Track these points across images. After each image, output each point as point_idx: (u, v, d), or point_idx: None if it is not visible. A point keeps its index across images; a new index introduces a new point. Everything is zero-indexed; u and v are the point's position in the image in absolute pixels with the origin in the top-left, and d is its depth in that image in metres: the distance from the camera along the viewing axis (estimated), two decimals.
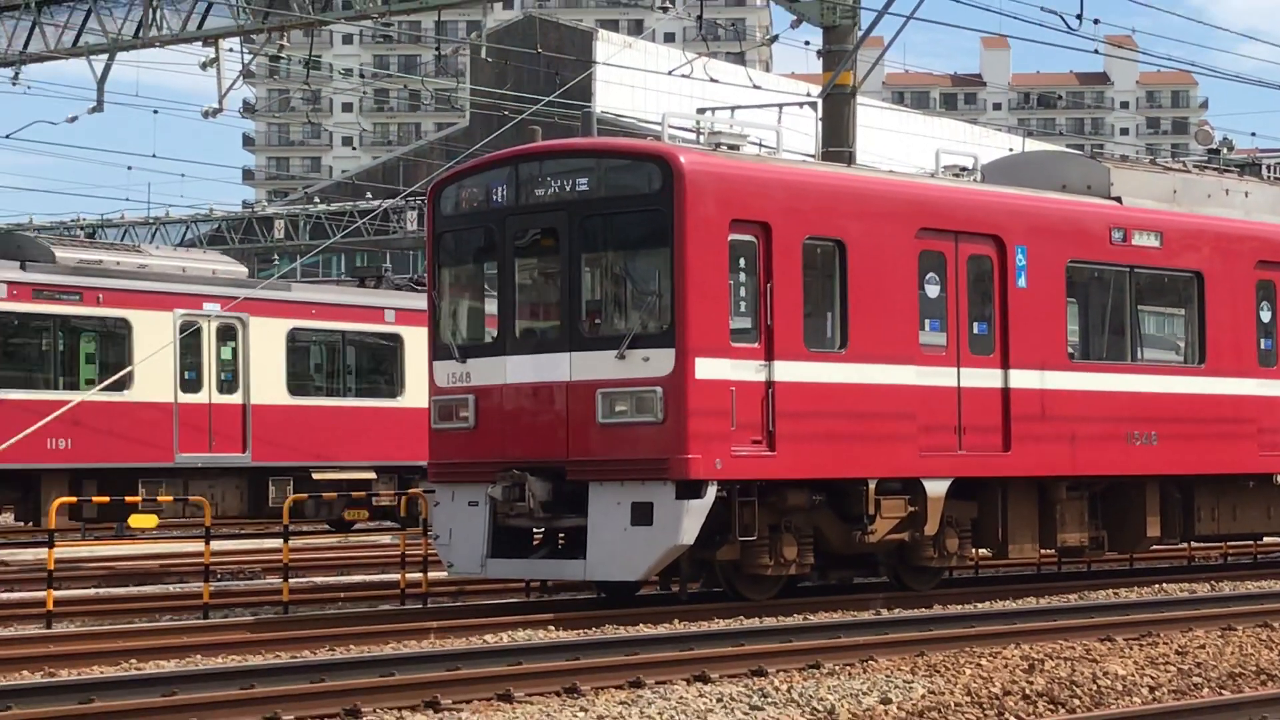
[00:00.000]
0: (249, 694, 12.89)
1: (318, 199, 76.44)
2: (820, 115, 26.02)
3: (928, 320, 21.12)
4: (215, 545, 25.28)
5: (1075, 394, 22.44)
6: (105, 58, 36.77)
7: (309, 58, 37.45)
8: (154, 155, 60.71)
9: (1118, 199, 23.89)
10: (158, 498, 28.18)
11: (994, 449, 21.53)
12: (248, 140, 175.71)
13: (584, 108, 34.43)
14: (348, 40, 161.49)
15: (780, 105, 22.56)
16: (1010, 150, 54.39)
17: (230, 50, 36.39)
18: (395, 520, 35.33)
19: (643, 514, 18.80)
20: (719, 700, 13.25)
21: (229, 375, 34.12)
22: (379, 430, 36.13)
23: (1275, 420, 24.83)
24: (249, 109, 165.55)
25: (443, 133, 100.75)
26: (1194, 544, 27.71)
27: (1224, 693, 13.87)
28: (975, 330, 21.60)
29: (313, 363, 36.30)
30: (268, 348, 34.63)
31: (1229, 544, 29.41)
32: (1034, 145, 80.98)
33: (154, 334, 32.34)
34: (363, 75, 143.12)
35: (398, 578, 21.96)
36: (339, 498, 30.95)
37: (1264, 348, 24.97)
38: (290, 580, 20.95)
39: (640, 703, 13.09)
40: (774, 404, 19.40)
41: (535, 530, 20.09)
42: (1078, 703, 13.29)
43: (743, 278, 19.54)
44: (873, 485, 20.28)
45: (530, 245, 20.15)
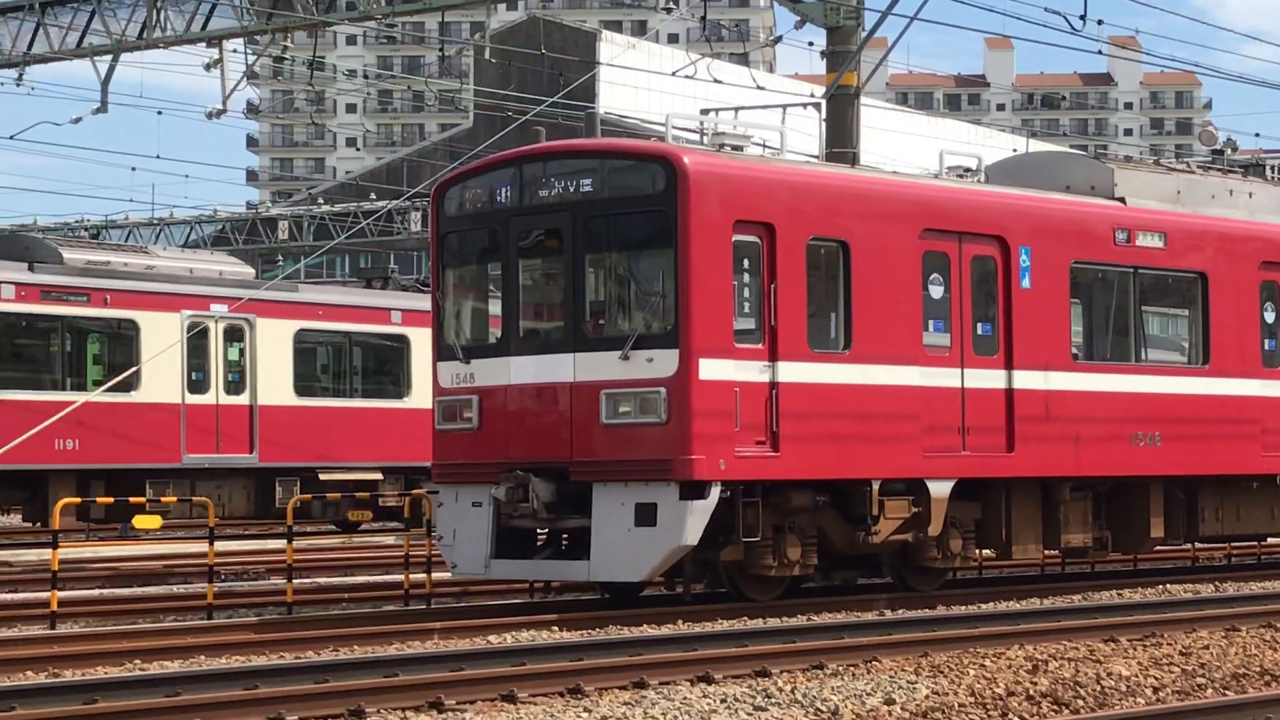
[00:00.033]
0: (253, 694, 12.90)
1: (321, 200, 76.46)
2: (824, 116, 26.05)
3: (931, 321, 21.13)
4: (220, 546, 25.29)
5: (1079, 395, 22.44)
6: (109, 59, 36.81)
7: (313, 59, 37.52)
8: (158, 156, 60.71)
9: (1122, 200, 23.90)
10: (163, 498, 28.22)
11: (998, 450, 21.53)
12: (251, 141, 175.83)
13: (588, 108, 34.47)
14: (351, 41, 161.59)
15: (784, 106, 22.58)
16: (1014, 151, 54.36)
17: (234, 51, 36.47)
18: (401, 521, 35.34)
19: (646, 515, 18.81)
20: (723, 701, 13.25)
21: (236, 376, 34.16)
22: (385, 431, 36.15)
23: (1279, 421, 24.83)
24: (253, 110, 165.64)
25: (446, 133, 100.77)
26: (1198, 545, 27.70)
27: (1228, 693, 13.87)
28: (979, 331, 21.61)
29: (319, 364, 36.32)
30: (275, 349, 34.66)
31: (1233, 545, 29.39)
32: (1038, 146, 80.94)
33: (161, 335, 32.37)
34: (366, 76, 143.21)
35: (401, 578, 21.97)
36: (344, 498, 30.96)
37: (1268, 348, 24.97)
38: (294, 581, 20.97)
39: (644, 703, 13.10)
40: (778, 405, 19.41)
41: (539, 531, 20.11)
42: (1082, 703, 13.29)
43: (746, 278, 19.55)
44: (876, 486, 20.29)
45: (534, 246, 20.17)
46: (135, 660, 15.54)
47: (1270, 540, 28.52)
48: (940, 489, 20.83)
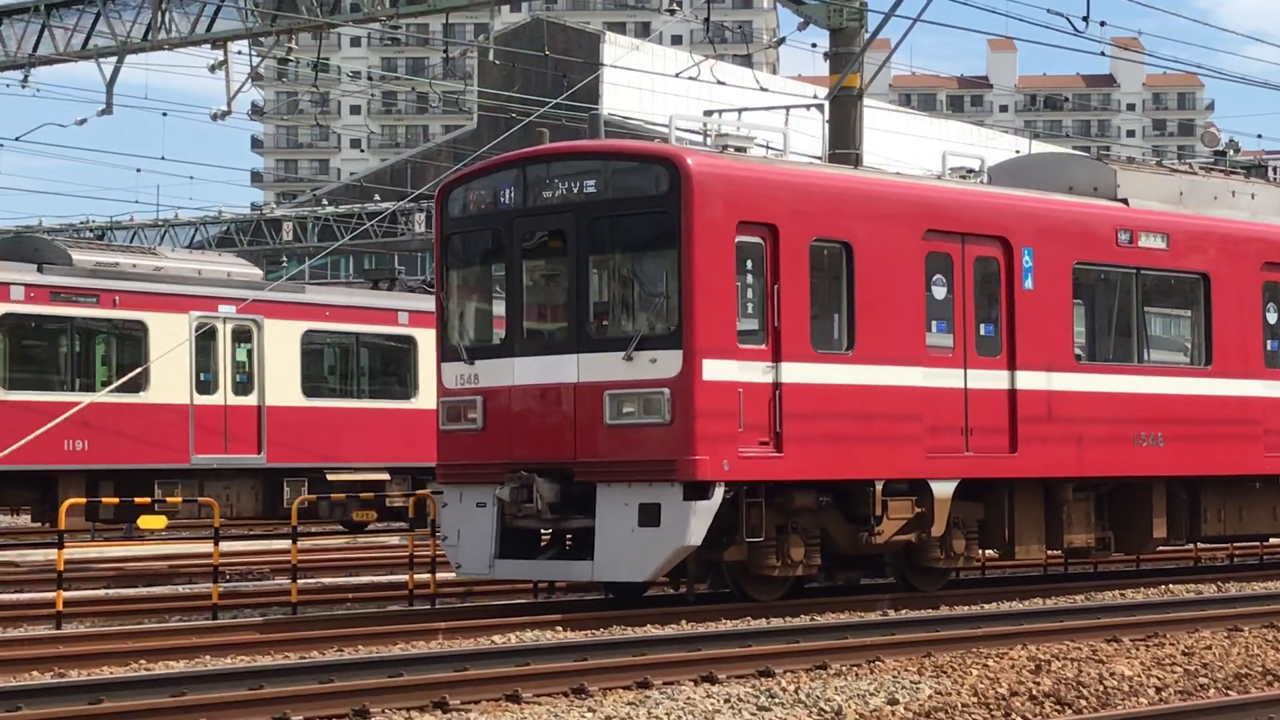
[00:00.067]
0: (258, 694, 12.94)
1: (326, 201, 76.53)
2: (827, 117, 26.06)
3: (934, 322, 21.16)
4: (225, 546, 25.34)
5: (1082, 395, 22.47)
6: (114, 60, 36.85)
7: (317, 60, 37.49)
8: (163, 157, 60.52)
9: (1124, 201, 23.93)
10: (170, 499, 28.25)
11: (1001, 450, 21.56)
12: (256, 143, 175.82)
13: (591, 110, 34.47)
14: (356, 43, 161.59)
15: (787, 107, 22.59)
16: (1017, 152, 54.41)
17: (239, 53, 36.47)
18: (406, 521, 35.39)
19: (650, 515, 18.84)
20: (726, 701, 13.29)
21: (244, 377, 34.21)
22: (392, 431, 36.20)
23: None
24: (257, 111, 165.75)
25: (450, 135, 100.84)
26: (1200, 545, 27.72)
27: (1230, 693, 13.90)
28: (982, 332, 21.64)
29: (327, 364, 36.37)
30: (282, 350, 34.71)
31: (1235, 545, 29.42)
32: (1040, 147, 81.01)
33: (170, 336, 32.42)
34: (370, 78, 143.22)
35: (406, 578, 22.00)
36: (350, 499, 31.00)
37: (1270, 349, 24.99)
38: (299, 581, 21.01)
39: (648, 703, 13.13)
40: (781, 405, 19.45)
41: (543, 531, 20.14)
42: (1084, 703, 13.32)
43: (750, 279, 19.59)
44: (879, 486, 20.32)
45: (538, 247, 20.21)
46: (141, 660, 15.59)
47: (1273, 540, 28.53)
48: (943, 489, 20.86)
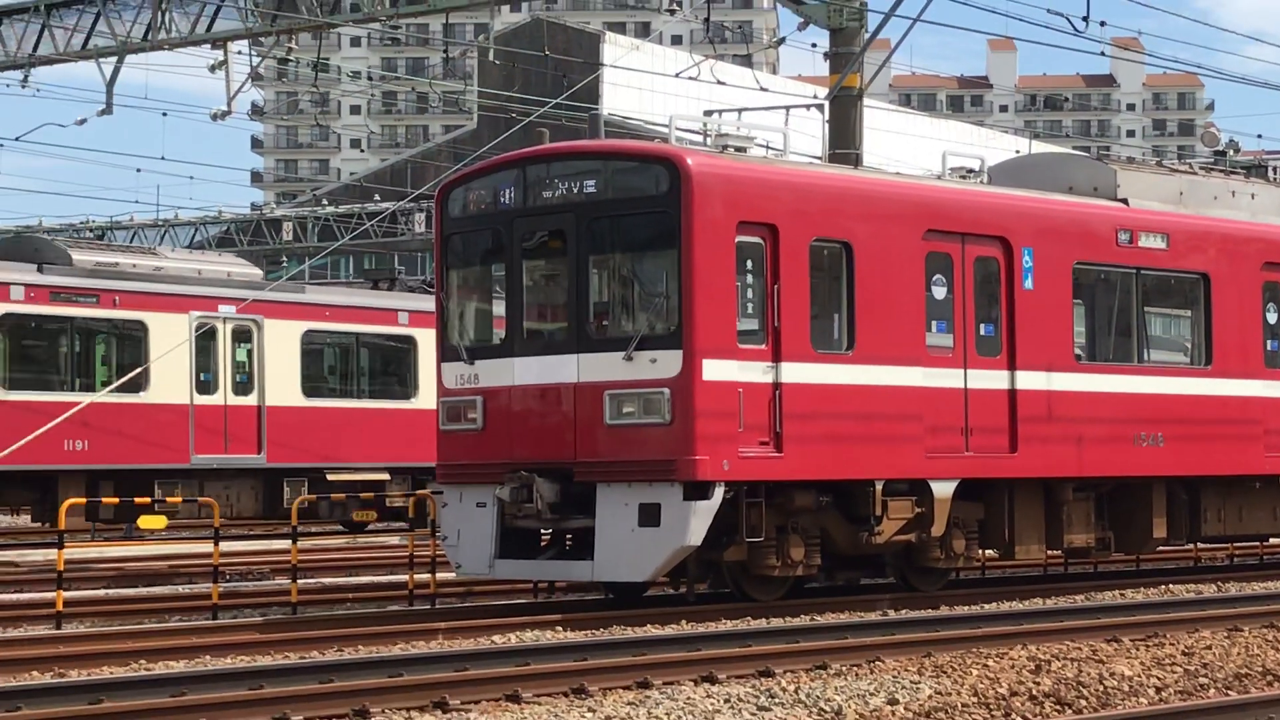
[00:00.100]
0: (258, 694, 12.94)
1: (326, 201, 76.54)
2: (827, 117, 26.06)
3: (934, 322, 21.17)
4: (225, 546, 25.33)
5: (1082, 395, 22.47)
6: (114, 60, 36.86)
7: (317, 60, 37.50)
8: (163, 157, 60.52)
9: (1124, 201, 23.94)
10: (170, 499, 28.25)
11: (1001, 450, 21.57)
12: (256, 143, 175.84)
13: (591, 110, 34.48)
14: (355, 43, 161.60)
15: (787, 107, 22.59)
16: (1017, 152, 54.41)
17: (239, 53, 36.48)
18: (406, 521, 35.40)
19: (650, 515, 18.84)
20: (726, 701, 13.29)
21: (244, 377, 34.22)
22: (393, 431, 36.21)
23: None
24: (257, 111, 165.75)
25: (450, 135, 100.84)
26: (1200, 545, 27.73)
27: (1230, 693, 13.90)
28: (982, 332, 21.64)
29: (327, 364, 36.38)
30: (282, 350, 34.71)
31: (1235, 545, 29.43)
32: (1040, 147, 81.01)
33: (170, 336, 32.43)
34: (370, 78, 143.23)
35: (406, 578, 22.00)
36: (350, 499, 31.01)
37: (1270, 349, 25.00)
38: (299, 581, 21.01)
39: (648, 703, 13.14)
40: (781, 405, 19.45)
41: (543, 531, 20.15)
42: (1084, 703, 13.32)
43: (750, 279, 19.59)
44: (879, 486, 20.32)
45: (538, 247, 20.22)
46: (141, 660, 15.59)
47: (1273, 541, 28.53)
48: (943, 489, 20.87)
